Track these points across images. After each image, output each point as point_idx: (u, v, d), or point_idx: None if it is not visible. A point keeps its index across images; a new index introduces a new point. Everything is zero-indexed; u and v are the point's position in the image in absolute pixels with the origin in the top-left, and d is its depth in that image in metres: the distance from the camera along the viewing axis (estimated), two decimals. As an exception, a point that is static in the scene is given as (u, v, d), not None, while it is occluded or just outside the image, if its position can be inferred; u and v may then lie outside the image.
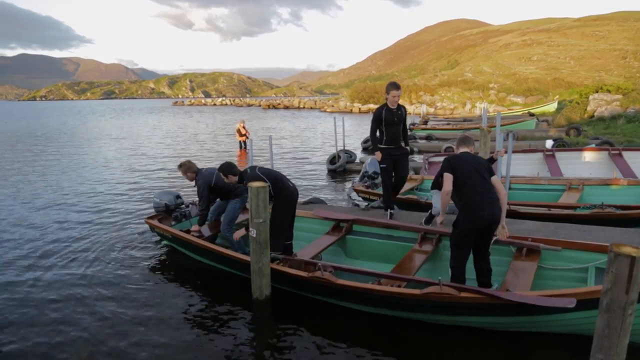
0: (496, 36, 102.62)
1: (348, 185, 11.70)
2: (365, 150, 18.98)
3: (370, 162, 9.16)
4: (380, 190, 8.49)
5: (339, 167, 13.89)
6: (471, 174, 4.26)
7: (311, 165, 15.62)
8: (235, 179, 5.62)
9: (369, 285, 4.44)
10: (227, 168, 5.64)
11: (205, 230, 6.61)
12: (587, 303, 3.58)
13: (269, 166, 9.64)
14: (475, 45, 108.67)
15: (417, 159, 15.17)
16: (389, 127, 6.52)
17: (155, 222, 6.80)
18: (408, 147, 6.87)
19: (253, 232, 4.85)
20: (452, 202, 4.52)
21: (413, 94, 58.64)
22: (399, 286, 4.41)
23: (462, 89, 56.30)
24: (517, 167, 9.93)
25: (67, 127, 38.49)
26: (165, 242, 7.11)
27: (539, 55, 64.78)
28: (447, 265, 4.56)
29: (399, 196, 8.00)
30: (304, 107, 73.87)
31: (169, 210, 7.15)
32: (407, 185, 8.89)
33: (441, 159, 9.86)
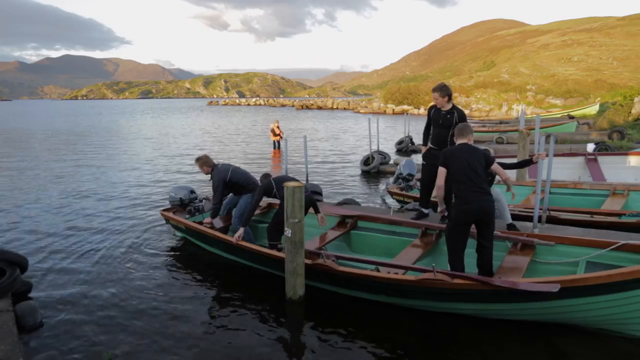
0: (534, 36, 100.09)
1: (382, 186, 11.63)
2: (399, 151, 18.83)
3: (405, 164, 9.07)
4: (414, 192, 8.42)
5: (373, 169, 13.82)
6: (464, 170, 4.48)
7: (345, 166, 15.59)
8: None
9: (368, 272, 4.69)
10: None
11: (217, 223, 6.84)
12: (571, 290, 3.82)
13: (303, 166, 9.67)
14: (512, 46, 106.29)
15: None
16: (435, 127, 6.45)
17: (169, 214, 7.21)
18: None
19: (288, 232, 4.87)
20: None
21: (448, 95, 57.65)
22: (396, 274, 4.65)
23: (498, 90, 55.20)
24: (557, 172, 9.65)
25: (112, 125, 39.62)
26: (179, 234, 7.44)
27: (579, 55, 62.86)
28: (446, 259, 4.77)
29: (433, 199, 7.88)
30: (337, 108, 73.79)
31: (184, 204, 7.51)
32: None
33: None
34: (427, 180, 6.67)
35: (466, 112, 47.75)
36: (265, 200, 7.18)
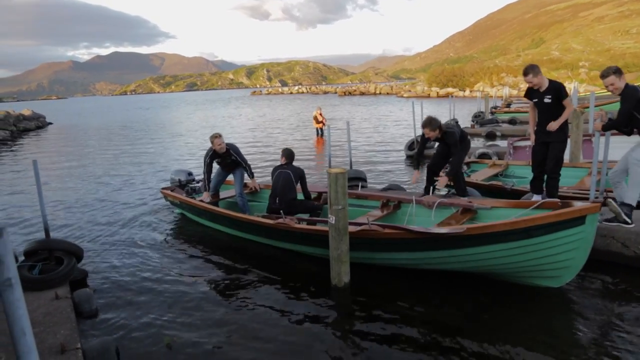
0: (587, 9, 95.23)
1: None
2: (444, 135, 18.41)
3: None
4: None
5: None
6: None
7: (389, 151, 15.40)
8: None
9: (315, 227, 5.61)
10: None
11: (207, 199, 7.50)
12: (477, 238, 4.42)
13: (346, 152, 9.60)
14: (562, 21, 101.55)
15: (501, 143, 14.48)
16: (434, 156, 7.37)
17: (167, 192, 8.14)
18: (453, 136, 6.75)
19: (332, 219, 4.83)
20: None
21: (494, 76, 56.08)
22: None
23: (548, 68, 52.98)
24: (615, 152, 9.08)
25: (168, 118, 40.76)
26: (177, 211, 8.37)
27: (638, 27, 59.26)
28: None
29: (482, 182, 7.70)
30: (380, 93, 73.04)
31: (182, 185, 8.47)
32: (491, 171, 8.51)
33: (527, 143, 9.29)
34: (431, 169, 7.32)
35: (514, 92, 46.16)
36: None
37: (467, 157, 8.62)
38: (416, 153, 7.09)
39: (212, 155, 7.43)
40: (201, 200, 7.36)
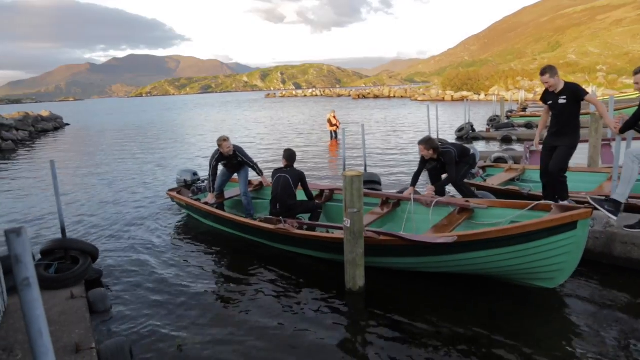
0: (605, 12, 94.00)
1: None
2: (459, 139, 18.27)
3: (466, 152, 8.74)
4: (476, 181, 8.15)
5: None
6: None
7: (404, 154, 15.32)
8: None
9: (313, 233, 5.73)
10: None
11: (212, 201, 7.64)
12: (469, 244, 4.49)
13: (361, 155, 9.57)
14: (579, 24, 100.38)
15: (517, 147, 14.33)
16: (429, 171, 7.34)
17: (173, 194, 8.35)
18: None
19: (347, 222, 4.79)
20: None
21: (510, 80, 55.59)
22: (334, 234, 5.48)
23: (564, 72, 52.30)
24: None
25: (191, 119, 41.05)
26: (184, 210, 8.41)
27: (657, 31, 58.34)
28: (398, 225, 6.15)
29: (498, 187, 7.62)
30: (394, 96, 72.82)
31: (188, 185, 8.81)
32: (507, 176, 8.41)
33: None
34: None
35: (530, 96, 45.65)
36: (256, 179, 8.39)
37: (482, 161, 8.54)
38: (415, 173, 6.92)
39: (219, 158, 7.55)
40: (206, 202, 7.48)
